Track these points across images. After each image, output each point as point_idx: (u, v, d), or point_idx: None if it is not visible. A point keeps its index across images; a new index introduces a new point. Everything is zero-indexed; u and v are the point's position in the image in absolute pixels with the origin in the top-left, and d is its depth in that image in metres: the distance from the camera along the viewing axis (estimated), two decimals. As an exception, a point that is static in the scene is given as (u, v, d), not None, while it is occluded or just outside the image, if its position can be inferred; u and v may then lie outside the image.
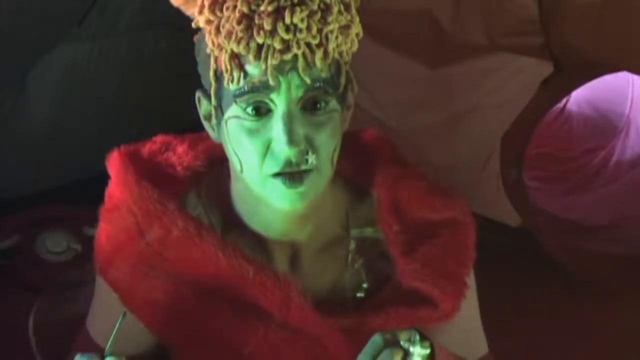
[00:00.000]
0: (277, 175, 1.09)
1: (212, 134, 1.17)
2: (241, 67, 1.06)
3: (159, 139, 1.26)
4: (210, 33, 1.07)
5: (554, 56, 2.42)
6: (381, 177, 1.23)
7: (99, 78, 2.37)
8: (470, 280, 1.23)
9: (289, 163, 1.08)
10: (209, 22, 1.07)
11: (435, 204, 1.22)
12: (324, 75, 1.07)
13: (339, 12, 1.07)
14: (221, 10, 1.05)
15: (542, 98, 2.44)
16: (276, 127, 1.07)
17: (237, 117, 1.09)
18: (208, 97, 1.14)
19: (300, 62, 1.05)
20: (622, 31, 2.36)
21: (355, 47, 1.11)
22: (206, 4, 1.06)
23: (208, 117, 1.17)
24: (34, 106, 2.33)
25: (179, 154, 1.24)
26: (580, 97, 3.11)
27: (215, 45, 1.07)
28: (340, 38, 1.07)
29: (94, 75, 2.36)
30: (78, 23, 2.22)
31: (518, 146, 2.49)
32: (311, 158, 1.08)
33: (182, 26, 1.14)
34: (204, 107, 1.16)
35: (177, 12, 1.13)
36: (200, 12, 1.07)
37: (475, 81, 2.44)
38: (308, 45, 1.05)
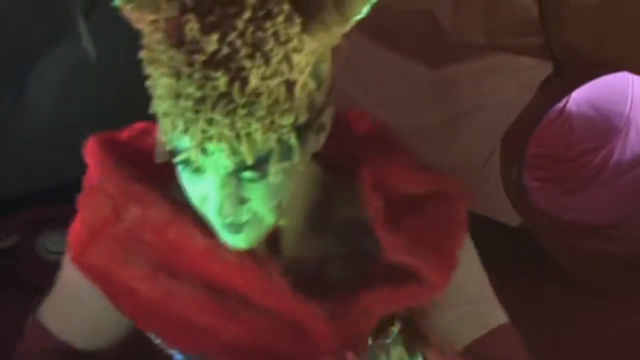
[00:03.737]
0: None
1: None
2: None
3: (137, 125, 1.22)
4: (149, 83, 1.00)
5: (554, 56, 2.42)
6: (364, 153, 1.18)
7: (99, 78, 2.37)
8: (469, 249, 1.19)
9: (222, 223, 1.04)
10: (148, 73, 0.99)
11: (420, 177, 1.18)
12: (252, 161, 0.97)
13: (275, 101, 0.94)
14: (157, 70, 0.98)
15: (542, 98, 2.44)
16: (209, 192, 1.01)
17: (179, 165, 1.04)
18: None
19: (225, 150, 0.96)
20: (621, 31, 2.36)
21: (302, 120, 0.99)
22: (146, 54, 0.99)
23: None
24: (34, 106, 2.33)
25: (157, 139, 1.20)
26: (580, 97, 3.11)
27: (153, 99, 1.00)
28: (275, 126, 0.95)
29: (94, 75, 2.36)
30: (78, 23, 2.22)
31: (518, 146, 2.49)
32: (246, 217, 1.03)
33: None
34: None
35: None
36: (142, 56, 0.99)
37: (475, 81, 2.44)
38: (235, 135, 0.95)
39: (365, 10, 0.99)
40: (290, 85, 0.95)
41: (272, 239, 1.15)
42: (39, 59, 2.26)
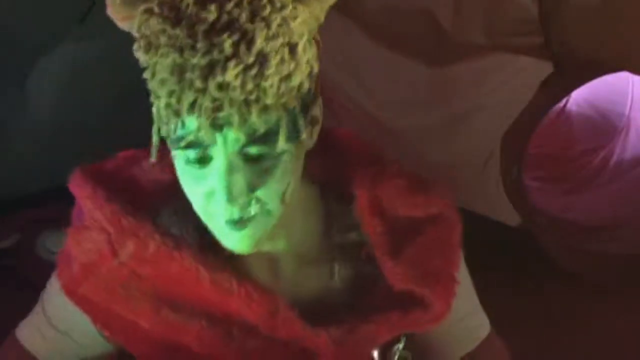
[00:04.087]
0: None
1: None
2: (178, 116, 0.97)
3: (122, 154, 1.20)
4: (147, 75, 0.99)
5: (554, 56, 2.42)
6: (359, 178, 1.17)
7: (99, 78, 2.38)
8: (461, 266, 1.20)
9: (231, 216, 1.02)
10: (144, 63, 0.98)
11: (417, 201, 1.16)
12: (263, 129, 0.97)
13: (281, 61, 0.96)
14: (155, 54, 0.96)
15: (542, 98, 2.44)
16: (216, 181, 1.00)
17: (181, 160, 1.02)
18: None
19: (235, 120, 0.95)
20: (621, 31, 2.36)
21: (305, 88, 1.00)
22: (142, 44, 0.97)
23: None
24: (34, 106, 2.33)
25: (145, 168, 1.17)
26: (580, 97, 3.12)
27: (152, 90, 0.99)
28: (283, 88, 0.97)
29: (94, 74, 2.36)
30: (78, 22, 2.22)
31: (518, 146, 2.49)
32: (254, 208, 1.02)
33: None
34: None
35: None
36: (137, 49, 0.98)
37: (475, 81, 2.45)
38: (244, 101, 0.95)
39: None
40: (292, 47, 0.97)
41: (273, 270, 1.15)
42: (39, 59, 2.26)
